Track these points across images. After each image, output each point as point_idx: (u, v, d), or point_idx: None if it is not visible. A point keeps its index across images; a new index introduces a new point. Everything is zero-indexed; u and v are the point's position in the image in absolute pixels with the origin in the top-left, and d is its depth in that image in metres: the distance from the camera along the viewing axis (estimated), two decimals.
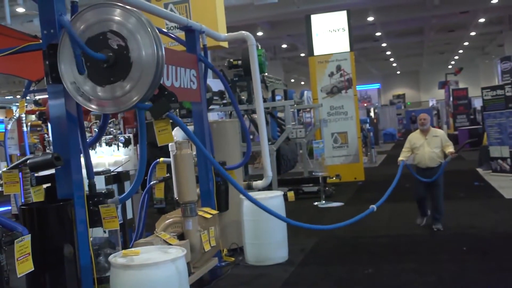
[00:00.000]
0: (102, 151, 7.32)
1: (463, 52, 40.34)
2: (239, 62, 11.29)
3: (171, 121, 4.14)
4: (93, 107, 3.98)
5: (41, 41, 4.30)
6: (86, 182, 4.45)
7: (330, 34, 14.37)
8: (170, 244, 5.21)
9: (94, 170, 4.73)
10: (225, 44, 11.05)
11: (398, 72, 51.92)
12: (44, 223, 3.96)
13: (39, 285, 3.94)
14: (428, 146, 7.71)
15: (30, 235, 3.28)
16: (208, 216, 6.03)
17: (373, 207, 6.42)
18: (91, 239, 4.40)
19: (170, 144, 6.68)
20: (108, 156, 7.35)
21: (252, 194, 7.09)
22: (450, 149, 7.59)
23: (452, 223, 7.93)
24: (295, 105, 14.68)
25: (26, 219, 3.93)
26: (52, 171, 4.22)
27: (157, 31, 3.93)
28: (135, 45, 3.84)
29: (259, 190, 7.89)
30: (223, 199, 6.72)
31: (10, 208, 11.25)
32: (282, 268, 6.48)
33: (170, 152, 6.52)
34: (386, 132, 28.90)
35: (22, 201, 6.92)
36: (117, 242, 4.78)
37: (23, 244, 3.21)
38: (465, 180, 12.56)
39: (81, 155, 4.41)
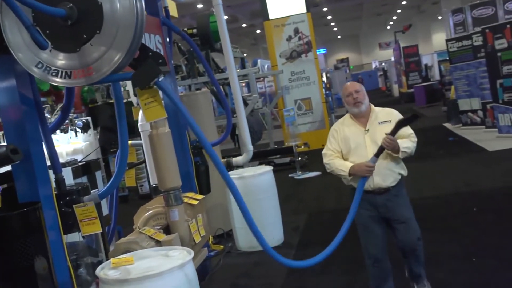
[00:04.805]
0: (57, 139, 6.27)
1: (400, 12, 40.43)
2: (194, 30, 10.32)
3: None
4: (56, 80, 3.04)
5: None
6: (52, 177, 3.53)
7: None
8: (158, 241, 4.42)
9: None
10: (174, 13, 10.10)
11: (339, 37, 51.86)
12: (6, 237, 3.04)
13: None
14: (373, 144, 3.86)
15: None
16: (195, 202, 5.19)
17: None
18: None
19: (140, 123, 5.82)
20: (65, 144, 6.32)
21: (239, 171, 6.35)
22: (405, 143, 3.84)
23: (448, 183, 7.43)
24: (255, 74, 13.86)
25: None
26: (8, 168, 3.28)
27: None
28: None
29: (239, 167, 7.16)
30: (204, 181, 5.92)
31: None
32: (281, 253, 5.55)
33: (141, 133, 5.64)
34: (338, 96, 28.48)
35: None
36: (99, 246, 3.89)
37: None
38: (437, 136, 12.18)
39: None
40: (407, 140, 3.85)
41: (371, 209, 3.94)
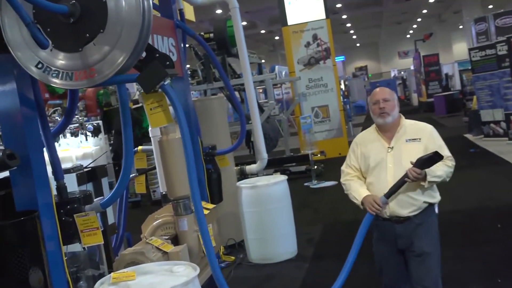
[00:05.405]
0: (67, 142, 6.12)
1: (420, 21, 40.04)
2: (211, 35, 10.17)
3: None
4: (57, 81, 2.85)
5: None
6: (53, 184, 3.35)
7: (303, 1, 13.34)
8: (165, 252, 4.23)
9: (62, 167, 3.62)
10: (192, 17, 9.93)
11: (358, 45, 51.56)
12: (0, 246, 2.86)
13: None
14: (396, 166, 3.30)
15: None
16: (205, 211, 4.99)
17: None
18: (65, 258, 3.31)
19: (150, 128, 5.64)
20: (75, 148, 6.16)
21: (253, 180, 6.13)
22: (438, 170, 3.21)
23: (470, 197, 7.13)
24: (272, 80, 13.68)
25: None
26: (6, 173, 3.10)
27: None
28: None
29: (253, 175, 6.95)
30: (216, 189, 5.70)
31: None
32: (294, 265, 5.52)
33: (152, 139, 5.46)
34: (356, 105, 28.25)
35: None
36: (101, 258, 3.70)
37: None
38: (458, 147, 11.80)
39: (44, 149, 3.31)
40: (442, 165, 3.19)
41: (388, 239, 3.37)
